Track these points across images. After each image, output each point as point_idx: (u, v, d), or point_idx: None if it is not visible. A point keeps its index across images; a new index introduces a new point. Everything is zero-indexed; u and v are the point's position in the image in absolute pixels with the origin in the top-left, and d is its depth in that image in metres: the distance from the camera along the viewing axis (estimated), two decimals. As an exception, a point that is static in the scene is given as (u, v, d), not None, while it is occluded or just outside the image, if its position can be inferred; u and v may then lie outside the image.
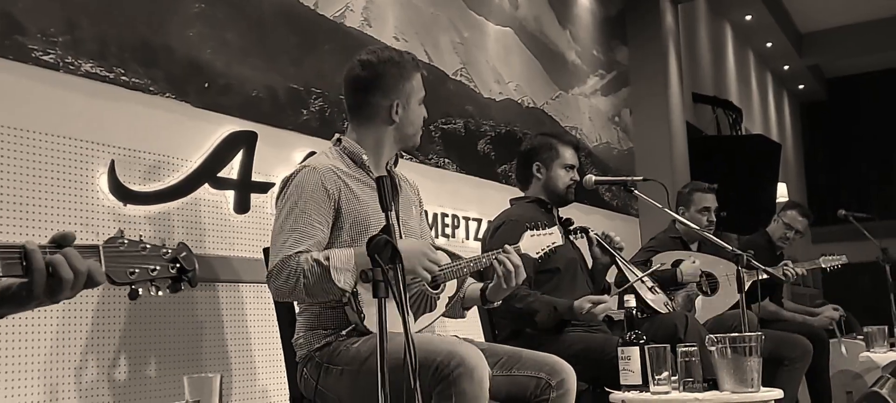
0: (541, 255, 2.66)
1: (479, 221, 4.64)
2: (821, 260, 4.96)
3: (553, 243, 2.68)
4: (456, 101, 4.71)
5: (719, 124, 9.17)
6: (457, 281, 2.54)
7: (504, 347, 2.54)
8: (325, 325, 2.41)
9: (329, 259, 2.25)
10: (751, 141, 9.14)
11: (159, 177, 2.90)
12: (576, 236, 3.35)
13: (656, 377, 2.58)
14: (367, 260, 1.81)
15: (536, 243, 2.65)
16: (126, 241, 1.45)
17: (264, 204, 3.25)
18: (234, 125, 3.18)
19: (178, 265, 1.51)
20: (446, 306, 2.52)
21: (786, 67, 12.65)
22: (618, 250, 3.31)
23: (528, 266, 2.99)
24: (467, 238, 4.55)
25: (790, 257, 5.13)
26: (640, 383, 2.63)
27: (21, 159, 2.49)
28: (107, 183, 2.72)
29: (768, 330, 3.84)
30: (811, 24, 11.80)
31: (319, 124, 3.60)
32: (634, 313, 2.79)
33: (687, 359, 2.59)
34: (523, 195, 3.53)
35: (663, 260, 3.93)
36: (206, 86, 3.11)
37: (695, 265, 3.91)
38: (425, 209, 2.85)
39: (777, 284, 5.05)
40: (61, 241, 1.37)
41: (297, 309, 2.55)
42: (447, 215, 4.42)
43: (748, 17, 10.36)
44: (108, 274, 1.41)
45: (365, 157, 2.50)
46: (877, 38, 11.76)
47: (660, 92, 7.27)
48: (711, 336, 2.59)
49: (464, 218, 4.55)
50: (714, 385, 2.59)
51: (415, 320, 2.43)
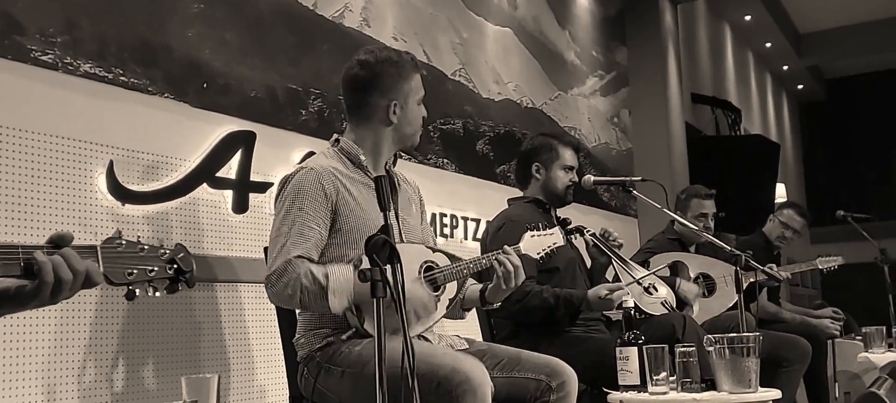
0: (542, 256, 2.65)
1: (477, 221, 4.64)
2: (817, 261, 4.96)
3: (554, 243, 2.67)
4: (455, 102, 4.71)
5: (718, 124, 9.17)
6: (457, 282, 2.53)
7: (505, 348, 2.53)
8: (327, 326, 2.41)
9: (328, 278, 2.25)
10: (750, 141, 9.14)
11: (158, 176, 2.90)
12: (574, 236, 3.35)
13: (654, 377, 2.58)
14: (365, 289, 1.81)
15: (537, 243, 2.64)
16: (124, 242, 1.46)
17: (263, 204, 3.25)
18: (232, 125, 3.19)
19: (175, 266, 1.51)
20: (447, 308, 2.50)
21: (785, 68, 12.66)
22: (616, 247, 3.31)
23: (531, 266, 2.99)
24: (466, 238, 4.55)
25: (788, 257, 5.14)
26: (639, 383, 2.63)
27: (20, 159, 2.49)
28: (105, 183, 2.72)
29: (767, 331, 3.85)
30: (810, 24, 11.80)
31: (318, 124, 3.60)
32: (632, 313, 2.79)
33: (685, 360, 2.59)
34: (521, 195, 3.53)
35: (660, 262, 3.92)
36: (205, 86, 3.12)
37: (693, 286, 3.91)
38: (425, 208, 2.84)
39: (775, 285, 5.04)
40: (59, 242, 1.37)
41: (298, 309, 2.55)
42: (445, 215, 4.43)
43: (747, 18, 10.36)
44: (105, 275, 1.42)
45: (362, 158, 2.49)
46: (876, 38, 11.77)
47: (659, 92, 7.27)
48: (709, 336, 2.59)
49: (462, 218, 4.56)
50: (712, 386, 2.58)
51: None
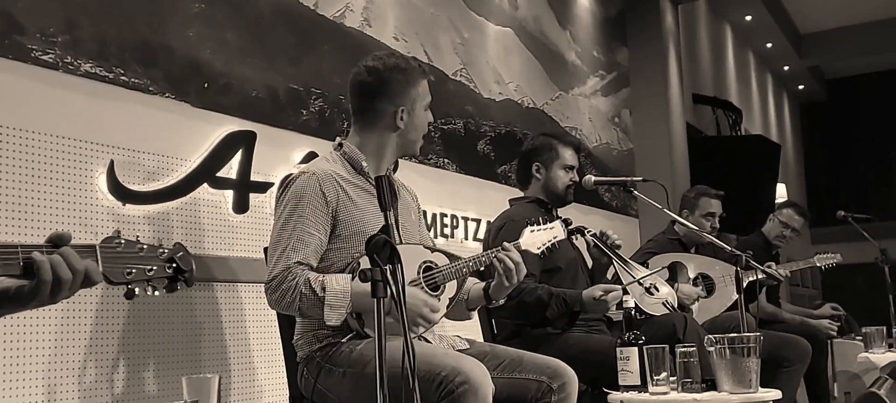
0: (543, 250, 2.64)
1: (478, 221, 4.64)
2: (816, 258, 4.96)
3: (555, 237, 2.66)
4: (456, 102, 4.71)
5: (719, 125, 9.17)
6: (457, 282, 2.52)
7: (507, 349, 2.53)
8: (327, 326, 2.40)
9: (326, 290, 2.25)
10: (750, 141, 9.14)
11: (158, 176, 2.90)
12: (575, 236, 3.35)
13: (655, 377, 2.58)
14: (363, 300, 1.80)
15: (537, 238, 2.63)
16: (123, 241, 1.46)
17: (263, 204, 3.25)
18: (233, 125, 3.18)
19: (174, 265, 1.51)
20: (447, 307, 2.50)
21: (786, 68, 12.65)
22: (615, 248, 3.31)
23: (533, 264, 2.99)
24: (466, 238, 4.55)
25: (788, 257, 5.14)
26: (639, 383, 2.63)
27: (20, 159, 2.49)
28: (106, 182, 2.72)
29: (767, 332, 3.84)
30: (811, 24, 11.80)
31: (319, 124, 3.60)
32: (633, 313, 2.79)
33: (685, 360, 2.59)
34: (523, 195, 3.53)
35: (660, 262, 3.92)
36: (206, 86, 3.11)
37: (693, 289, 3.90)
38: (424, 210, 2.85)
39: (774, 285, 5.04)
40: (57, 241, 1.37)
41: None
42: (446, 215, 4.42)
43: (748, 18, 10.36)
44: (104, 274, 1.42)
45: (365, 164, 2.50)
46: (876, 39, 11.77)
47: (660, 92, 7.27)
48: (710, 336, 2.58)
49: (463, 218, 4.55)
50: (712, 386, 2.58)
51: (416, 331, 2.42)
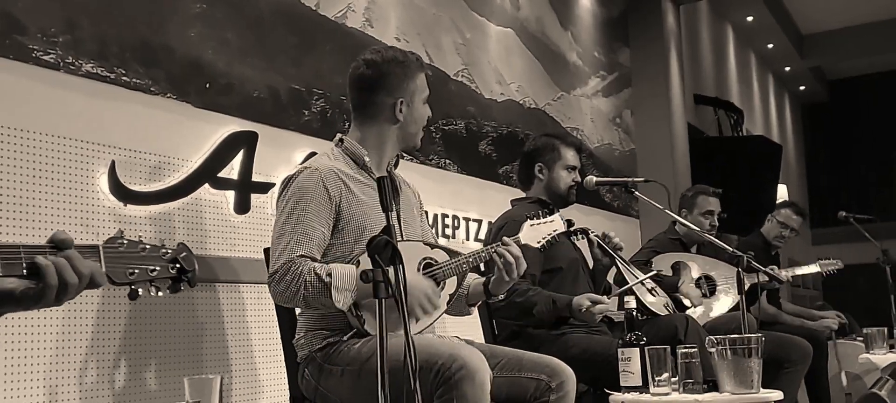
0: (543, 244, 2.63)
1: (479, 222, 4.64)
2: (818, 264, 4.95)
3: (555, 230, 2.65)
4: (457, 102, 4.71)
5: (721, 125, 9.16)
6: (457, 277, 2.52)
7: (506, 349, 2.53)
8: (327, 326, 2.41)
9: (331, 276, 2.25)
10: (752, 142, 9.14)
11: (160, 177, 2.90)
12: (576, 237, 3.34)
13: (656, 378, 2.58)
14: (365, 289, 1.80)
15: (537, 232, 2.62)
16: (126, 242, 1.45)
17: (265, 204, 3.25)
18: (234, 125, 3.18)
19: (177, 265, 1.51)
20: (448, 303, 2.50)
21: (787, 69, 12.64)
22: (617, 250, 3.31)
23: (534, 263, 2.99)
24: (468, 238, 4.55)
25: (789, 258, 5.13)
26: (640, 384, 2.63)
27: (21, 159, 2.49)
28: (107, 183, 2.72)
29: (768, 333, 3.84)
30: (812, 25, 11.79)
31: (320, 125, 3.59)
32: (634, 314, 2.79)
33: (687, 361, 2.58)
34: (524, 196, 3.53)
35: (662, 263, 3.93)
36: (207, 86, 3.11)
37: (694, 289, 3.91)
38: (426, 209, 2.85)
39: (775, 287, 5.04)
40: (60, 243, 1.36)
41: (298, 310, 2.55)
42: (448, 216, 4.42)
43: (749, 19, 10.35)
44: (107, 275, 1.41)
45: (367, 158, 2.50)
46: (878, 40, 11.76)
47: (661, 93, 7.26)
48: (712, 337, 2.58)
49: (464, 218, 4.55)
50: (714, 387, 2.58)
51: (416, 320, 2.42)
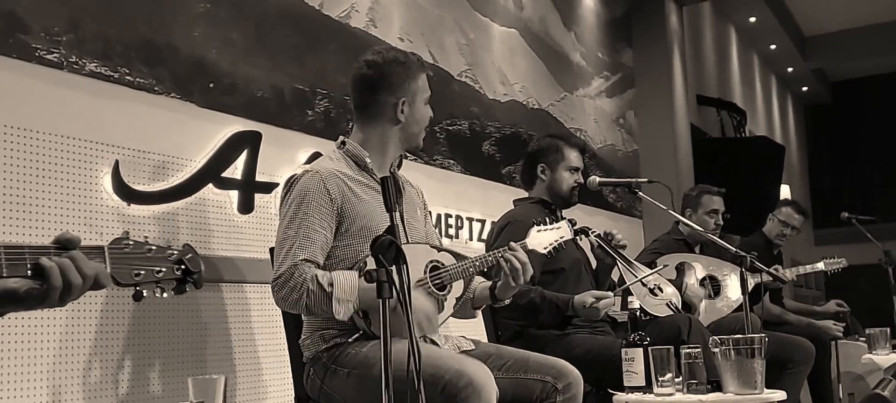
0: (549, 250, 2.64)
1: (483, 222, 4.63)
2: (821, 263, 4.95)
3: (561, 237, 2.66)
4: (461, 102, 4.71)
5: (723, 126, 9.15)
6: (463, 281, 2.52)
7: (513, 350, 2.53)
8: (334, 327, 2.40)
9: (333, 285, 2.25)
10: (755, 143, 9.12)
11: (163, 177, 2.90)
12: (579, 237, 3.34)
13: (660, 378, 2.58)
14: (369, 296, 1.80)
15: (544, 238, 2.63)
16: (131, 243, 1.45)
17: (268, 204, 3.25)
18: (238, 125, 3.18)
19: (183, 266, 1.50)
20: (454, 307, 2.50)
21: (790, 70, 12.61)
22: (620, 248, 3.30)
23: (536, 263, 2.98)
24: (471, 239, 4.55)
25: (792, 258, 5.13)
26: (644, 384, 2.62)
27: (25, 159, 2.49)
28: (111, 183, 2.72)
29: (771, 333, 3.84)
30: (815, 26, 11.77)
31: (324, 125, 3.59)
32: (638, 314, 2.78)
33: (690, 361, 2.58)
34: (527, 196, 3.53)
35: (667, 263, 3.92)
36: (211, 86, 3.11)
37: (698, 289, 3.90)
38: (429, 210, 2.84)
39: (778, 287, 5.03)
40: (65, 243, 1.36)
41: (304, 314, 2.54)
42: (451, 216, 4.42)
43: (752, 20, 10.33)
44: (113, 276, 1.41)
45: (368, 160, 2.50)
46: (881, 41, 11.73)
47: (664, 93, 7.26)
48: (715, 337, 2.58)
49: (468, 219, 4.55)
50: (717, 387, 2.58)
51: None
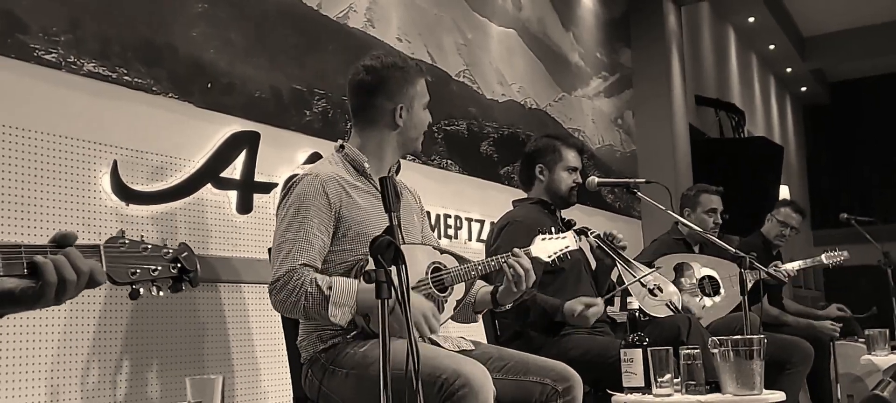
0: (553, 259, 2.64)
1: (481, 222, 4.63)
2: (823, 256, 4.95)
3: (566, 247, 2.66)
4: (459, 103, 4.71)
5: (722, 127, 9.16)
6: (465, 284, 2.52)
7: (514, 352, 2.52)
8: (331, 327, 2.40)
9: (331, 289, 2.25)
10: (753, 143, 9.13)
11: (162, 177, 2.90)
12: (578, 238, 3.34)
13: (659, 379, 2.57)
14: (367, 298, 1.79)
15: (548, 247, 2.63)
16: (127, 241, 1.45)
17: (267, 204, 3.24)
18: (236, 125, 3.18)
19: (179, 265, 1.51)
20: (454, 309, 2.49)
21: (788, 70, 12.63)
22: (620, 248, 3.29)
23: (538, 268, 2.98)
24: (470, 239, 4.55)
25: (791, 259, 5.12)
26: (643, 385, 2.62)
27: (23, 159, 2.49)
28: (109, 183, 2.72)
29: (770, 334, 3.83)
30: (814, 27, 11.78)
31: (322, 125, 3.59)
32: (637, 315, 2.78)
33: (689, 362, 2.58)
34: (526, 197, 3.53)
35: (667, 264, 3.91)
36: (209, 86, 3.11)
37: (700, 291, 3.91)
38: (428, 211, 2.84)
39: (776, 286, 5.03)
40: (62, 241, 1.36)
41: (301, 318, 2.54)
42: (450, 216, 4.42)
43: (751, 20, 10.34)
44: (108, 274, 1.41)
45: (366, 165, 2.50)
46: (880, 42, 11.74)
47: (663, 94, 7.26)
48: (714, 338, 2.58)
49: (466, 219, 4.55)
50: (716, 388, 2.58)
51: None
